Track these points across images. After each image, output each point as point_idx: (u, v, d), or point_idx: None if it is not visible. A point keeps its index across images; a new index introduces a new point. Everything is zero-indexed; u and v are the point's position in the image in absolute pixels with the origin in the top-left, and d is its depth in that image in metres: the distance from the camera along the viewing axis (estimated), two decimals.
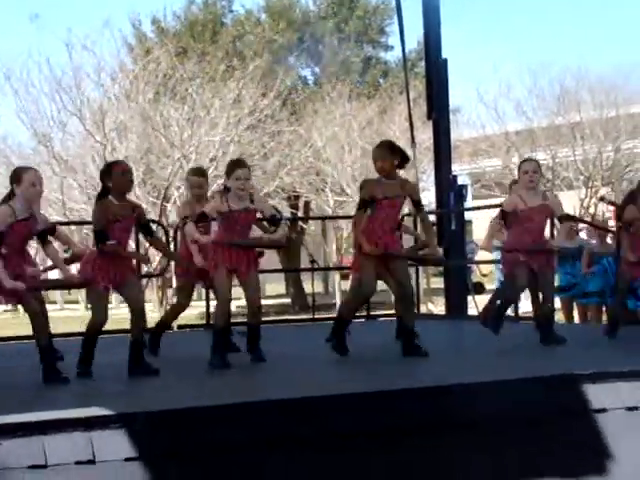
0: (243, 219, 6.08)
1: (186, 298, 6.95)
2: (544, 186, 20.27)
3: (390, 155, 6.23)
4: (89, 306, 8.05)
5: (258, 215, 6.30)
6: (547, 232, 7.53)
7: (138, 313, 5.75)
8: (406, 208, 7.14)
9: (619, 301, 7.33)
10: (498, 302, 7.00)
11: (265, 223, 6.47)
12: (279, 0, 28.18)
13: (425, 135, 16.98)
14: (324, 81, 25.60)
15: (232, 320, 6.51)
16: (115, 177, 5.71)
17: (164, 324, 7.05)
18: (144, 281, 14.79)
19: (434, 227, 8.52)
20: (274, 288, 28.34)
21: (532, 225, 6.66)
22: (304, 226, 24.66)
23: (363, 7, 28.59)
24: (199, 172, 7.15)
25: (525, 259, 6.60)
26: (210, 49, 23.10)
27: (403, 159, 6.29)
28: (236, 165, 6.16)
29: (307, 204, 25.14)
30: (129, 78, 19.99)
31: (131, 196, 7.28)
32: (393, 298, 6.93)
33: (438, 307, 15.08)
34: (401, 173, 6.51)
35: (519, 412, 4.86)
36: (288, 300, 25.94)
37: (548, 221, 7.33)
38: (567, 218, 7.09)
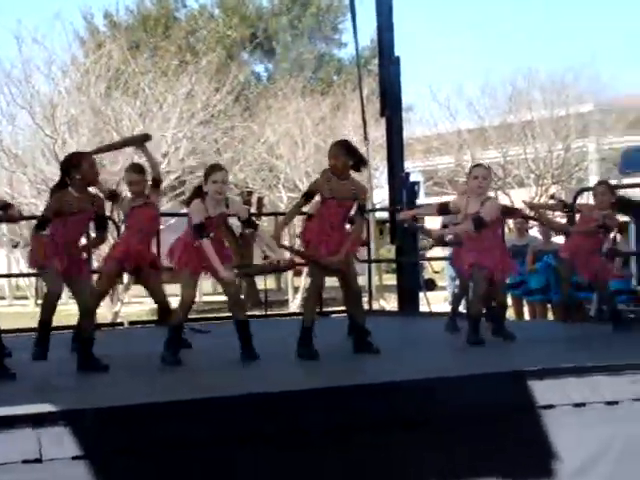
0: (216, 224, 6.05)
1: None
2: (495, 184, 20.44)
3: (345, 154, 6.17)
4: (39, 302, 7.95)
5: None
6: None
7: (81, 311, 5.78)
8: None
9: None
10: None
11: (240, 225, 6.47)
12: None
13: (378, 132, 17.02)
14: (277, 77, 25.58)
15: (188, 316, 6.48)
16: (84, 169, 5.75)
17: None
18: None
19: (386, 224, 8.55)
20: None
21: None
22: (257, 222, 24.59)
23: (317, 4, 28.61)
24: (136, 169, 7.05)
25: (481, 260, 6.61)
26: (163, 44, 22.96)
27: (359, 162, 6.24)
28: (213, 169, 6.10)
29: (260, 200, 25.10)
30: (80, 72, 19.77)
31: None
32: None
33: (390, 304, 15.13)
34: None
35: (469, 409, 4.89)
36: (241, 296, 25.85)
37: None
38: (507, 213, 7.12)
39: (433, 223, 9.59)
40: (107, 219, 6.43)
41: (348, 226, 6.51)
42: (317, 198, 6.30)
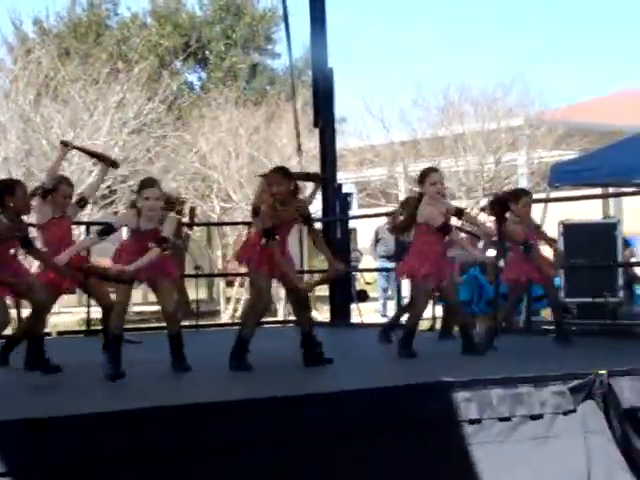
0: (146, 239, 5.96)
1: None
2: None
3: (286, 180, 6.18)
4: None
5: None
6: None
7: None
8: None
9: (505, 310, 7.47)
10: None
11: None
12: (165, 4, 27.89)
13: (312, 143, 17.02)
14: (211, 86, 25.45)
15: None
16: (18, 199, 5.65)
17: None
18: None
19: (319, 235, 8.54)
20: None
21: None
22: (189, 232, 24.41)
23: (250, 14, 28.56)
24: (71, 183, 6.98)
25: (429, 271, 6.60)
26: (94, 51, 22.68)
27: (296, 187, 6.26)
28: (144, 184, 6.02)
29: (192, 210, 24.89)
30: (9, 78, 19.43)
31: None
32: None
33: (323, 314, 15.13)
34: None
35: (385, 420, 4.86)
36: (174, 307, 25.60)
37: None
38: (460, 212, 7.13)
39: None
40: (31, 241, 6.28)
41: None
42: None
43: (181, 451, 4.39)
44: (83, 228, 11.80)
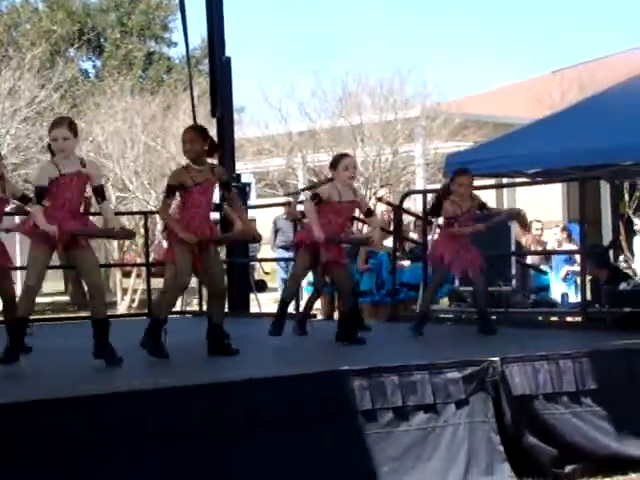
0: (69, 183, 5.84)
1: None
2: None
3: (201, 138, 6.16)
4: None
5: None
6: None
7: None
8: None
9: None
10: None
11: None
12: None
13: (210, 133, 16.89)
14: (106, 75, 25.01)
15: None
16: None
17: None
18: None
19: (217, 225, 8.51)
20: (52, 286, 27.39)
21: (339, 219, 6.76)
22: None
23: (146, 2, 28.16)
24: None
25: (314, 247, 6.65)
26: None
27: (213, 146, 6.22)
28: (52, 125, 5.96)
29: (87, 199, 24.49)
30: None
31: None
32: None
33: None
34: None
35: (282, 409, 4.87)
36: (67, 298, 25.13)
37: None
38: (371, 213, 7.17)
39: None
40: None
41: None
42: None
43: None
44: None
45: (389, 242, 9.89)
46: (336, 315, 8.42)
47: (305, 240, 6.73)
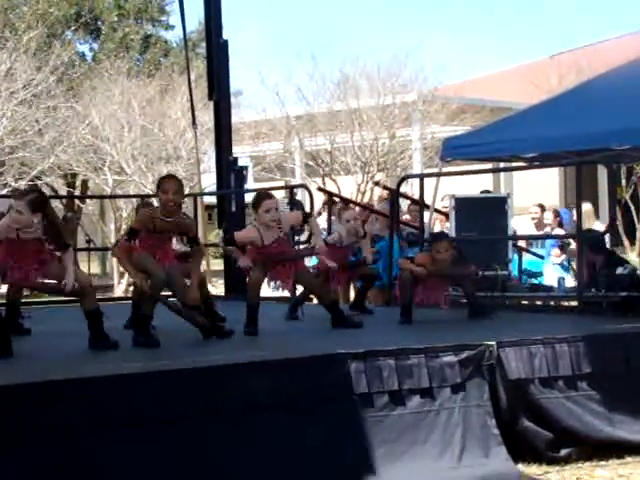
0: None
1: None
2: (323, 170, 20.65)
3: (182, 191, 6.14)
4: None
5: None
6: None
7: None
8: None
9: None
10: None
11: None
12: None
13: (206, 116, 16.84)
14: (103, 57, 24.93)
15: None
16: None
17: None
18: None
19: (214, 209, 8.51)
20: None
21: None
22: (81, 205, 23.98)
23: None
24: None
25: None
26: None
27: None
28: None
29: (85, 183, 24.46)
30: None
31: None
32: None
33: (218, 289, 15.05)
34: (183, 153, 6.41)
35: (278, 393, 4.88)
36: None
37: None
38: (307, 217, 7.16)
39: None
40: None
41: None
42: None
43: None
44: None
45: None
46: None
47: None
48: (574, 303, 8.49)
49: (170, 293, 6.44)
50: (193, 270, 6.30)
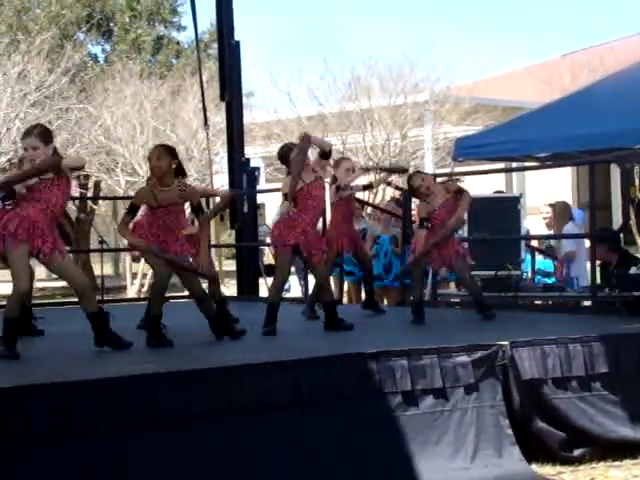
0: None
1: None
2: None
3: (169, 156, 6.13)
4: None
5: None
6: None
7: None
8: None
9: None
10: None
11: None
12: None
13: (218, 117, 16.88)
14: (115, 59, 24.98)
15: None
16: None
17: None
18: None
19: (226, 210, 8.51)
20: None
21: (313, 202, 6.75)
22: (94, 206, 24.04)
23: None
24: None
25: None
26: None
27: (180, 168, 6.18)
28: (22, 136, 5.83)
29: (97, 184, 24.53)
30: None
31: None
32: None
33: (231, 290, 15.08)
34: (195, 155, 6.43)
35: (294, 393, 4.88)
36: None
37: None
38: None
39: None
40: None
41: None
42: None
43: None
44: None
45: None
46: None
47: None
48: (587, 303, 8.46)
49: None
50: (201, 240, 6.31)
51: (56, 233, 5.64)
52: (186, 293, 6.77)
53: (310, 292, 8.47)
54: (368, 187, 8.44)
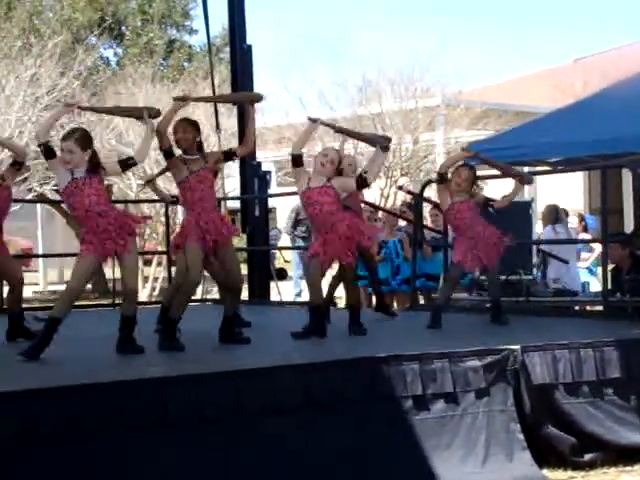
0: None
1: None
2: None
3: (194, 129, 6.20)
4: None
5: None
6: None
7: None
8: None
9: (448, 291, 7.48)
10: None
11: None
12: None
13: (230, 121, 16.90)
14: (127, 62, 25.05)
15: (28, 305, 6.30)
16: None
17: None
18: None
19: (238, 213, 8.51)
20: None
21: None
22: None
23: None
24: None
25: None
26: (5, 25, 22.12)
27: (201, 144, 6.26)
28: (63, 138, 5.93)
29: (109, 187, 24.57)
30: None
31: None
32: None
33: (242, 293, 15.10)
34: None
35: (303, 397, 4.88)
36: (88, 285, 25.28)
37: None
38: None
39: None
40: None
41: None
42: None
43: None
44: None
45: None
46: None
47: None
48: (599, 308, 8.44)
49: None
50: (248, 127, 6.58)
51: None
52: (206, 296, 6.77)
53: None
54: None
